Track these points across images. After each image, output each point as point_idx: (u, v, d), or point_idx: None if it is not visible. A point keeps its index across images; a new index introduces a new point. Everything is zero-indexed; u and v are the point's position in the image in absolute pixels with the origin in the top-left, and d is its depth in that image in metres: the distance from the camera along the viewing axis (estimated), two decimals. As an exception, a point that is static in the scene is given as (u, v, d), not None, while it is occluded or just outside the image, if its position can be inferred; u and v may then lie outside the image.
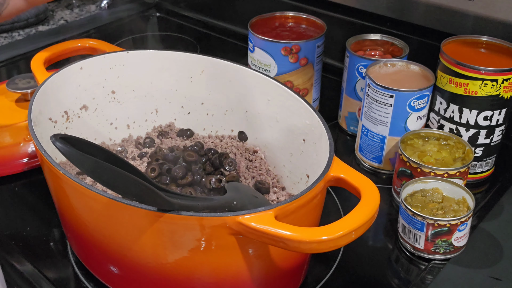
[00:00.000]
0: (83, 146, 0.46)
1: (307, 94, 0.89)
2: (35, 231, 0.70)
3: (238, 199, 0.57)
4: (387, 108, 0.76)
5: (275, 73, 0.86)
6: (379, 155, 0.80)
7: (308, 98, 0.90)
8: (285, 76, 0.86)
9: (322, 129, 0.60)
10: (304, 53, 0.85)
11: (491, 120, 0.74)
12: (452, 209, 0.65)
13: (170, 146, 0.75)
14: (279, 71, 0.86)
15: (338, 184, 0.55)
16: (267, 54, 0.85)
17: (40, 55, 0.74)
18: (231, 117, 0.77)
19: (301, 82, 0.88)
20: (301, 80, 0.87)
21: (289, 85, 0.81)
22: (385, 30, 0.95)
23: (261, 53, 0.86)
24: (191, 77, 0.77)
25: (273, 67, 0.86)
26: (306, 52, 0.85)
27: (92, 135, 0.75)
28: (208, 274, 0.53)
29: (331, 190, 0.76)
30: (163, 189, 0.51)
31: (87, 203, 0.54)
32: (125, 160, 0.50)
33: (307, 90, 0.89)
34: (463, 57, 0.72)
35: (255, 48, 0.87)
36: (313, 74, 0.88)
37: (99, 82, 0.75)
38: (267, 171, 0.73)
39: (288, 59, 0.85)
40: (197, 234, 0.50)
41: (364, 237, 0.69)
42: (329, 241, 0.47)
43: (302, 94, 0.88)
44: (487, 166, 0.78)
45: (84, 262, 0.64)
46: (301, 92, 0.88)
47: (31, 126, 0.59)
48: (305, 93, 0.89)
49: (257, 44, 0.86)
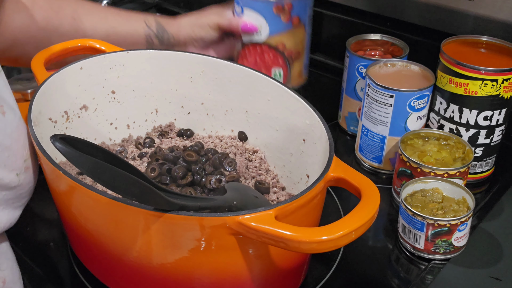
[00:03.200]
0: (83, 147, 0.46)
1: (300, 58, 0.86)
2: (35, 231, 0.70)
3: (238, 199, 0.57)
4: (387, 108, 0.76)
5: (266, 34, 0.82)
6: (379, 155, 0.80)
7: (300, 62, 0.86)
8: (277, 38, 0.83)
9: (322, 129, 0.60)
10: (297, 12, 0.81)
11: (491, 120, 0.74)
12: (452, 209, 0.65)
13: (170, 146, 0.75)
14: (271, 31, 0.82)
15: (338, 184, 0.55)
16: (258, 14, 0.81)
17: (40, 55, 0.74)
18: (231, 117, 0.77)
19: (293, 44, 0.84)
20: (294, 41, 0.84)
21: (281, 48, 0.80)
22: (385, 30, 0.95)
23: (251, 14, 0.81)
24: (191, 77, 0.77)
25: (264, 28, 0.82)
26: (298, 10, 0.82)
27: (92, 135, 0.75)
28: (208, 274, 0.53)
29: (331, 190, 0.76)
30: (163, 189, 0.51)
31: (87, 203, 0.54)
32: (125, 160, 0.50)
33: (299, 53, 0.85)
34: (463, 57, 0.73)
35: (244, 10, 0.82)
36: (305, 36, 0.85)
37: (99, 82, 0.75)
38: (267, 171, 0.73)
39: (280, 19, 0.81)
40: (197, 234, 0.50)
41: (364, 237, 0.69)
42: (329, 241, 0.47)
43: (294, 57, 0.85)
44: (487, 166, 0.78)
45: (84, 262, 0.64)
46: (294, 55, 0.84)
47: (31, 126, 0.59)
48: (298, 56, 0.85)
49: (246, 4, 0.81)
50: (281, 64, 0.85)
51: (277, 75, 0.85)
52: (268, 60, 0.84)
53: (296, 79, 0.87)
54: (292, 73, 0.86)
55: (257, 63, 0.85)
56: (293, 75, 0.86)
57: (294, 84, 0.87)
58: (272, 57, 0.84)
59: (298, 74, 0.87)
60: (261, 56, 0.84)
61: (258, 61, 0.85)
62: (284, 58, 0.84)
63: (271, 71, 0.85)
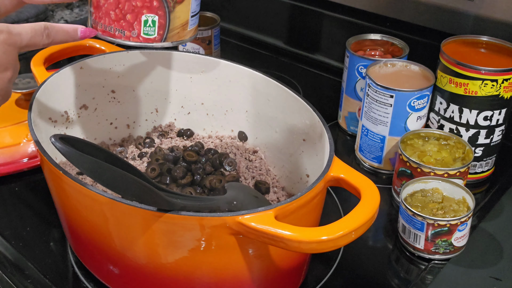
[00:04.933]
0: (83, 146, 0.46)
1: (184, 1, 0.61)
2: (35, 231, 0.70)
3: (238, 199, 0.57)
4: (387, 108, 0.76)
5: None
6: (379, 155, 0.80)
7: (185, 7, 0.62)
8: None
9: (322, 129, 0.60)
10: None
11: (491, 120, 0.74)
12: (452, 209, 0.65)
13: (170, 146, 0.75)
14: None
15: (338, 184, 0.55)
16: None
17: (40, 55, 0.74)
18: (231, 117, 0.77)
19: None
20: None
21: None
22: (385, 30, 0.95)
23: None
24: (191, 77, 0.77)
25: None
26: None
27: (92, 135, 0.75)
28: (208, 274, 0.53)
29: (331, 190, 0.76)
30: (163, 189, 0.51)
31: (87, 203, 0.54)
32: (125, 160, 0.50)
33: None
34: (463, 57, 0.73)
35: None
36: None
37: (99, 82, 0.75)
38: (267, 171, 0.73)
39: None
40: (197, 234, 0.50)
41: (364, 237, 0.69)
42: (329, 241, 0.47)
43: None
44: (487, 166, 0.78)
45: (84, 262, 0.64)
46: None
47: (31, 126, 0.59)
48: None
49: None
50: (156, 8, 0.60)
51: (150, 24, 0.60)
52: (137, 0, 0.60)
53: (178, 32, 0.63)
54: (172, 22, 0.61)
55: (118, 5, 0.60)
56: (173, 26, 0.62)
57: (175, 39, 0.63)
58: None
59: (181, 25, 0.63)
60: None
61: (121, 1, 0.60)
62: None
63: (141, 18, 0.60)
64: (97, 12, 0.61)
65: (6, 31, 0.47)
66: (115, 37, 0.61)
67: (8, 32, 0.48)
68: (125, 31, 0.61)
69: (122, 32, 0.61)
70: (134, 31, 0.61)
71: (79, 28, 0.53)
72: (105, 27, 0.61)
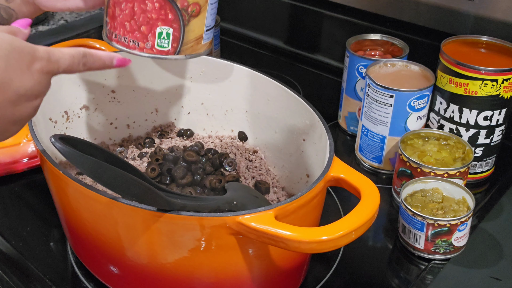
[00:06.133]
0: (83, 147, 0.46)
1: (201, 15, 0.61)
2: (35, 231, 0.70)
3: (238, 199, 0.57)
4: (387, 108, 0.76)
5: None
6: (379, 155, 0.80)
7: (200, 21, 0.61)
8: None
9: (322, 129, 0.60)
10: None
11: (491, 120, 0.74)
12: (452, 209, 0.65)
13: (170, 146, 0.75)
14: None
15: (338, 184, 0.55)
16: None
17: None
18: (231, 117, 0.77)
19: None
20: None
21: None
22: (385, 30, 0.95)
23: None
24: (191, 77, 0.77)
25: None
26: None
27: (92, 135, 0.76)
28: (208, 274, 0.53)
29: (331, 190, 0.76)
30: (163, 189, 0.51)
31: (87, 203, 0.54)
32: (125, 160, 0.50)
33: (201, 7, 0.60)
34: (463, 57, 0.72)
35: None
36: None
37: (99, 82, 0.75)
38: (267, 171, 0.73)
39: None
40: (197, 234, 0.50)
41: (364, 237, 0.69)
42: (329, 241, 0.47)
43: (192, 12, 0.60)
44: (487, 166, 0.78)
45: (84, 262, 0.64)
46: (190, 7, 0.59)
47: (31, 126, 0.59)
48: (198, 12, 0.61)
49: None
50: (171, 21, 0.59)
51: (164, 36, 0.60)
52: (152, 12, 0.59)
53: (192, 45, 0.62)
54: (186, 36, 0.61)
55: (134, 17, 0.59)
56: (187, 39, 0.61)
57: (189, 53, 0.62)
58: (158, 8, 0.59)
59: (195, 39, 0.62)
60: (142, 5, 0.59)
61: (137, 12, 0.59)
62: (176, 12, 0.59)
63: (155, 30, 0.60)
64: (112, 22, 0.61)
65: (46, 59, 0.45)
66: (129, 48, 0.61)
67: (48, 60, 0.46)
68: (139, 42, 0.61)
69: (136, 43, 0.61)
70: (148, 43, 0.60)
71: (115, 58, 0.52)
72: (119, 37, 0.61)
